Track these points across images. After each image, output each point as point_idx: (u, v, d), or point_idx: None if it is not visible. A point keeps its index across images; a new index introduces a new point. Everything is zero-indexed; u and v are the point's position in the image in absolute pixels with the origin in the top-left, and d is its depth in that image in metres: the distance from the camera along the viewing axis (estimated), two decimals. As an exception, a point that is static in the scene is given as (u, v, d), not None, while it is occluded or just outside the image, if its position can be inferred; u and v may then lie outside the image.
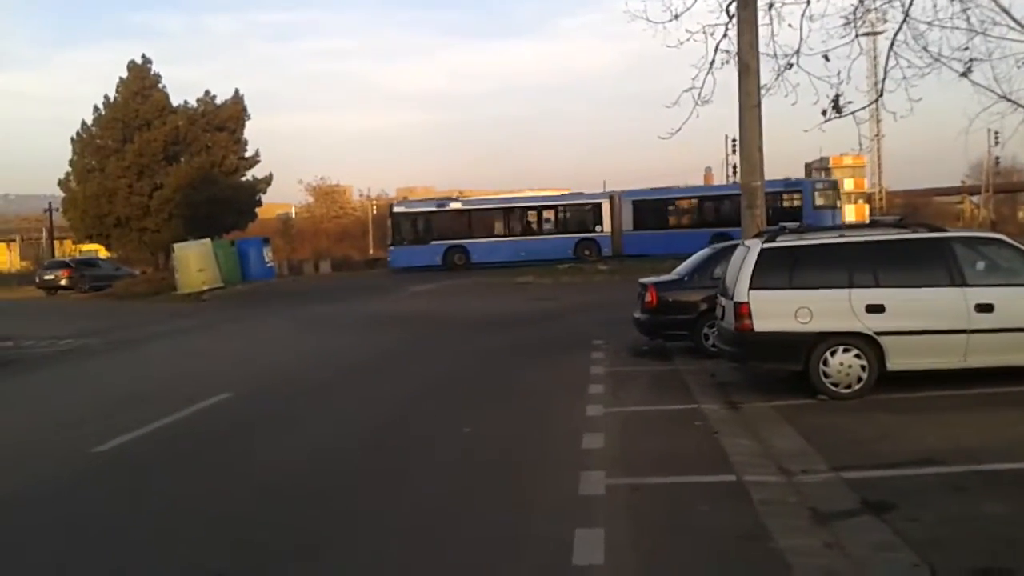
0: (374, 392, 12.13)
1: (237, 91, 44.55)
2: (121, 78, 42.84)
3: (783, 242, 10.04)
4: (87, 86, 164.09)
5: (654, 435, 8.66)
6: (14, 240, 75.65)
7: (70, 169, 42.89)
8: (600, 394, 10.66)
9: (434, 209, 42.23)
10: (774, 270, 9.78)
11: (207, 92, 44.08)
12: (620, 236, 40.66)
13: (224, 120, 43.58)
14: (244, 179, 44.33)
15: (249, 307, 28.50)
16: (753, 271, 9.74)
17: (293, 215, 76.89)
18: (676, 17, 14.30)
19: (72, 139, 42.70)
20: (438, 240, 40.31)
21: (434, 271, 38.52)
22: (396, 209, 42.24)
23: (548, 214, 41.86)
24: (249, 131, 44.77)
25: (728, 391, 10.39)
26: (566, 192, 47.35)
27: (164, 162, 41.80)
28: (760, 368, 10.52)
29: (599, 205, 41.41)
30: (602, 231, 40.78)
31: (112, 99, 42.53)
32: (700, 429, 8.68)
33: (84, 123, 42.60)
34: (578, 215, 41.53)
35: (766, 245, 9.93)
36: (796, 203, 38.72)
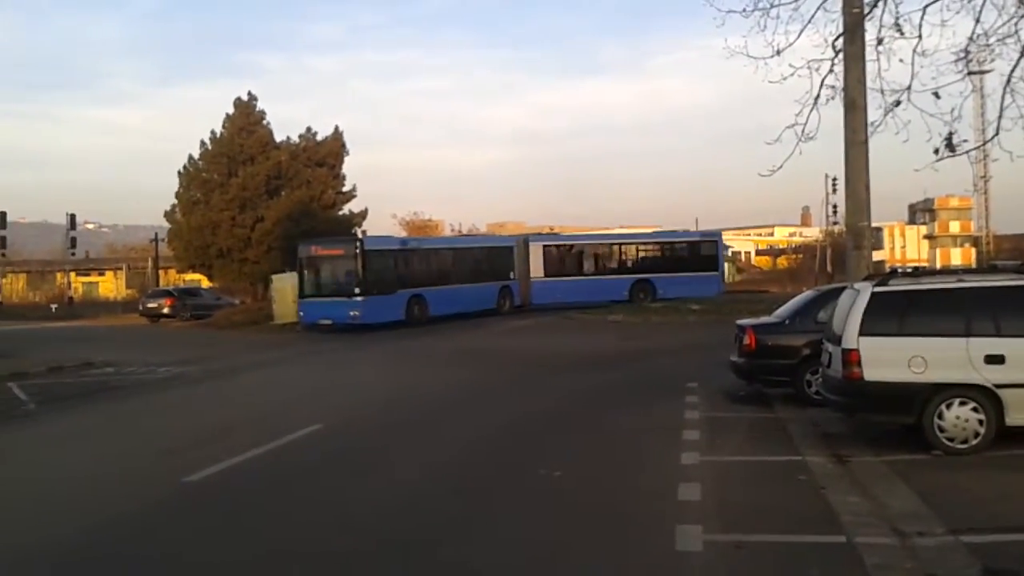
0: (463, 429, 11.95)
1: (337, 128, 45.53)
2: (227, 114, 44.25)
3: (896, 286, 9.55)
4: (195, 122, 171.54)
5: (755, 488, 8.25)
6: (121, 269, 78.71)
7: (176, 201, 44.35)
8: (695, 441, 10.26)
9: (398, 248, 33.83)
10: (886, 315, 9.28)
11: (308, 128, 45.18)
12: (528, 284, 37.18)
13: (324, 156, 44.55)
14: (341, 213, 45.13)
15: (342, 339, 28.78)
16: (863, 316, 9.26)
17: (387, 248, 78.13)
18: (778, 53, 13.84)
19: (179, 172, 44.20)
20: (402, 288, 31.85)
21: (391, 330, 29.80)
22: (370, 247, 31.53)
23: (475, 257, 36.34)
24: (347, 166, 45.64)
25: (834, 443, 9.88)
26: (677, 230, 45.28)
27: (266, 196, 42.87)
28: (869, 420, 9.98)
29: (511, 250, 37.30)
30: (514, 278, 36.75)
31: (218, 134, 43.95)
32: (805, 484, 8.24)
33: (191, 157, 44.08)
34: (499, 260, 36.66)
35: (877, 289, 9.44)
36: (712, 251, 39.74)
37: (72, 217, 51.78)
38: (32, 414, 14.47)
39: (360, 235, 32.25)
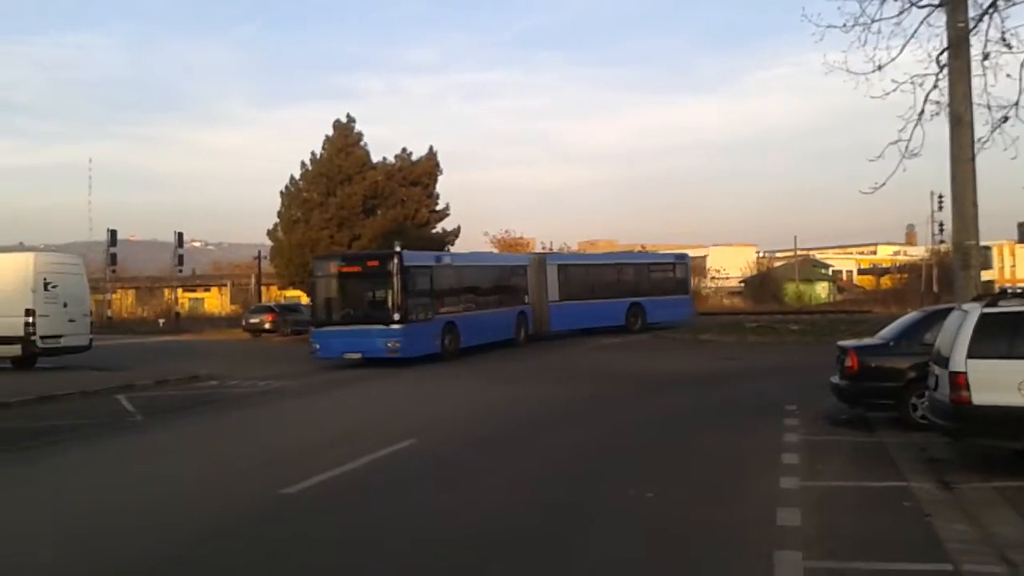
0: (552, 447, 11.90)
1: (431, 148, 46.16)
2: (327, 136, 45.38)
3: (1005, 307, 9.17)
4: (298, 143, 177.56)
5: (857, 514, 7.97)
6: (225, 285, 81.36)
7: (278, 220, 45.64)
8: (795, 465, 10.00)
9: (434, 264, 27.31)
10: (995, 337, 8.92)
11: (404, 149, 45.93)
12: (547, 309, 32.59)
13: (418, 175, 45.25)
14: (434, 231, 45.75)
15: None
16: (971, 338, 8.92)
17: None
18: (880, 68, 13.56)
19: (281, 192, 45.47)
20: (437, 315, 26.24)
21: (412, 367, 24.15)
22: (409, 263, 25.22)
23: (496, 278, 31.36)
24: (441, 185, 46.22)
25: (941, 469, 9.51)
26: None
27: (362, 215, 43.74)
28: (977, 445, 9.59)
29: (524, 270, 32.54)
30: (528, 302, 31.88)
31: (318, 155, 45.10)
32: (909, 510, 7.96)
33: (292, 177, 45.29)
34: (515, 282, 31.84)
35: (987, 310, 9.09)
36: (683, 274, 38.72)
37: (180, 235, 53.67)
38: (138, 425, 15.02)
39: (398, 248, 25.71)
